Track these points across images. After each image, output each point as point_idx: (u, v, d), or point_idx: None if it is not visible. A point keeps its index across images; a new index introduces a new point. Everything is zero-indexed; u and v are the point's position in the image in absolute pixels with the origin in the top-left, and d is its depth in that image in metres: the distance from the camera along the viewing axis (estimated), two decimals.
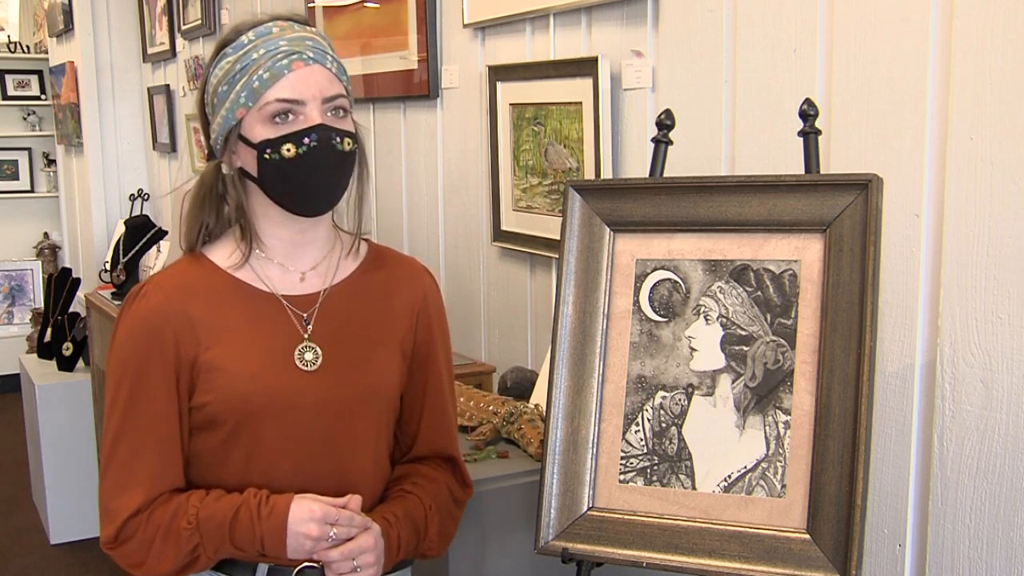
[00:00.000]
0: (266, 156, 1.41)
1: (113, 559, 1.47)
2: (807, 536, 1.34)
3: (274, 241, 1.50)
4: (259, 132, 1.42)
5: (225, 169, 1.49)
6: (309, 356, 1.48)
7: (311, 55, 1.42)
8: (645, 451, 1.47)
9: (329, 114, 1.43)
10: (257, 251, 1.50)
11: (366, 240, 1.61)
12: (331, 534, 1.40)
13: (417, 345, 1.59)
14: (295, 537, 1.40)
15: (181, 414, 1.46)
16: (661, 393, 1.48)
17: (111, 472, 1.46)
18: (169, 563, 1.43)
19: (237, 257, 1.50)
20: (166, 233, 4.42)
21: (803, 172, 1.46)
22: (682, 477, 1.44)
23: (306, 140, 1.40)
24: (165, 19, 5.04)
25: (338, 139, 1.43)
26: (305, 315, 1.50)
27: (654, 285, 1.51)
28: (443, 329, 1.64)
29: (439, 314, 1.63)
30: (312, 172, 1.42)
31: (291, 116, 1.41)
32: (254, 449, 1.46)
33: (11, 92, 7.07)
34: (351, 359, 1.51)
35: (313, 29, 1.48)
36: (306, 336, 1.49)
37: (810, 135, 1.46)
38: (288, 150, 1.40)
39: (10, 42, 7.05)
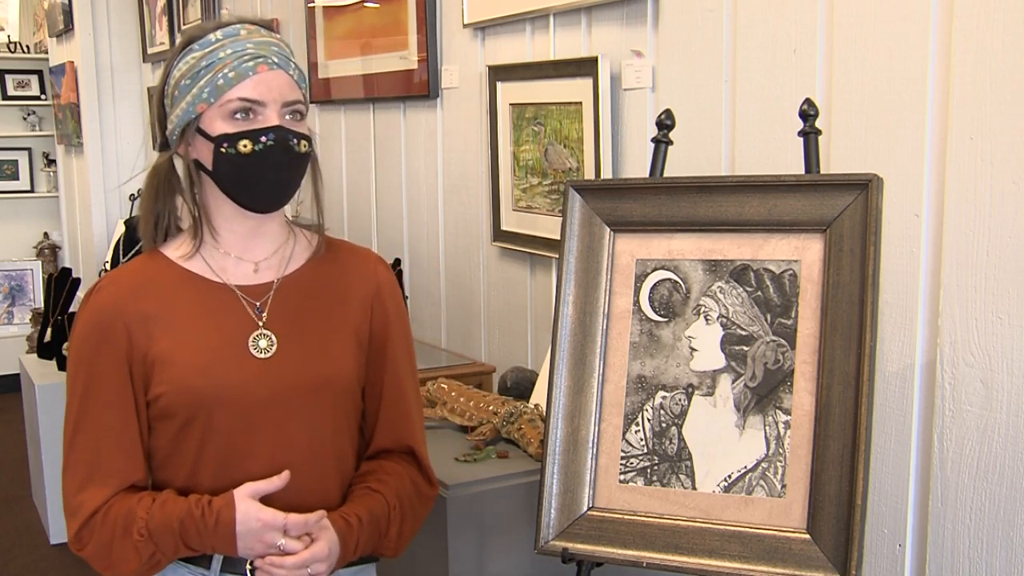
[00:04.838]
0: (222, 149, 1.45)
1: (83, 559, 1.48)
2: (807, 536, 1.34)
3: (228, 234, 1.53)
4: (218, 127, 1.46)
5: (177, 161, 1.52)
6: (263, 343, 1.50)
7: (276, 60, 1.47)
8: (645, 451, 1.47)
9: (287, 117, 1.48)
10: (211, 243, 1.53)
11: (320, 234, 1.63)
12: (280, 543, 1.42)
13: (373, 334, 1.59)
14: (245, 546, 1.43)
15: (138, 407, 1.48)
16: (661, 393, 1.47)
17: (70, 467, 1.48)
18: (132, 566, 1.45)
19: (187, 247, 1.53)
20: None
21: (803, 172, 1.46)
22: (682, 477, 1.44)
23: (263, 138, 1.45)
24: (165, 19, 5.04)
25: (295, 140, 1.47)
26: (258, 304, 1.52)
27: (654, 285, 1.51)
28: (401, 319, 1.64)
29: (396, 303, 1.63)
30: (266, 169, 1.46)
31: (251, 115, 1.45)
32: (207, 441, 1.47)
33: (11, 92, 7.06)
34: (306, 347, 1.52)
35: (278, 36, 1.53)
36: (260, 324, 1.51)
37: (810, 135, 1.46)
38: (245, 146, 1.44)
39: (10, 42, 7.04)
